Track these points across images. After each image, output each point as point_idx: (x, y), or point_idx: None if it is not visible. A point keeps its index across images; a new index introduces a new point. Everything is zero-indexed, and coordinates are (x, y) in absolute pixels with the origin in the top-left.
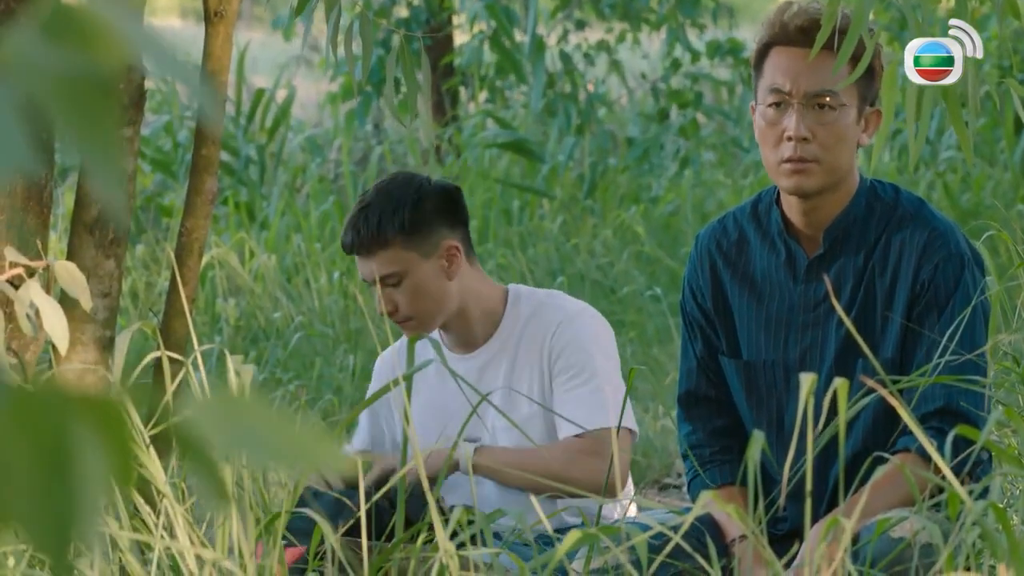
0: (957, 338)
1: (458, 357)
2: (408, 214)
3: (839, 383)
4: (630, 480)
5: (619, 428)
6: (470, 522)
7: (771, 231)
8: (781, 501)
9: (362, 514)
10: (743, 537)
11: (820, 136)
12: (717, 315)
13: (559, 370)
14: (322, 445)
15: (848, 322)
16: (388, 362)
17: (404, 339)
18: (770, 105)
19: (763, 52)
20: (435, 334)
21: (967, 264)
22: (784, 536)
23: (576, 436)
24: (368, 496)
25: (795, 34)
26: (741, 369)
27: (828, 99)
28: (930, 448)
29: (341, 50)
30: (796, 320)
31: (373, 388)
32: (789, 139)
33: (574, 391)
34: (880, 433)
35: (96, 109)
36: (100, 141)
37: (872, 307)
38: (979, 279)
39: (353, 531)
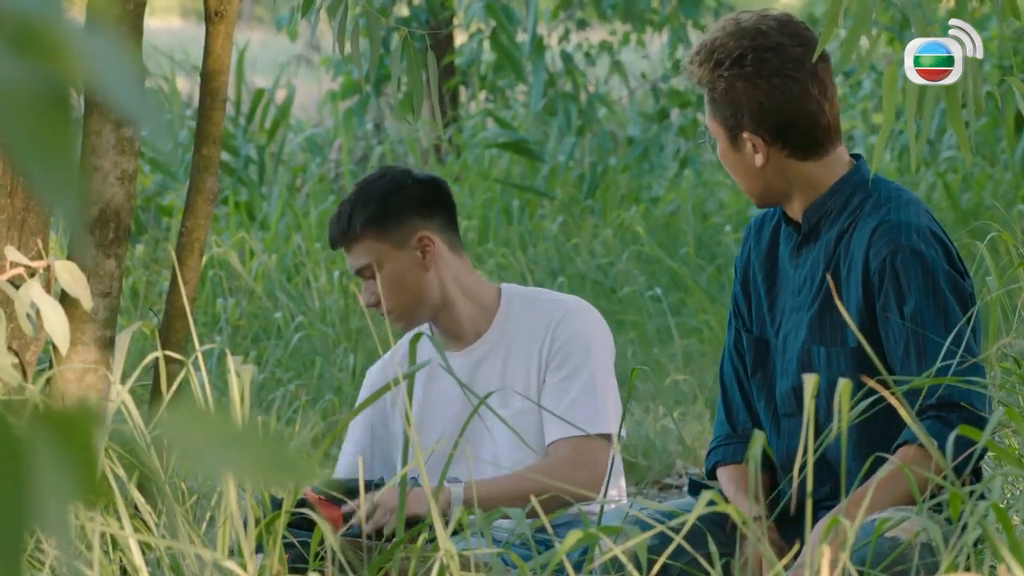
0: (934, 329)
1: (451, 354)
2: (376, 206)
3: (842, 384)
4: (623, 481)
5: (606, 433)
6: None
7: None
8: (792, 503)
9: (362, 516)
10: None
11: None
12: (743, 294)
13: (557, 364)
14: (290, 459)
15: (842, 308)
16: (380, 370)
17: (395, 348)
18: None
19: None
20: (426, 330)
21: (916, 255)
22: (778, 522)
23: (561, 441)
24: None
25: (692, 70)
26: (752, 344)
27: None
28: (928, 443)
29: (348, 47)
30: (788, 303)
31: (362, 397)
32: None
33: (569, 389)
34: (862, 422)
35: (51, 125)
36: (55, 158)
37: (837, 294)
38: (939, 265)
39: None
